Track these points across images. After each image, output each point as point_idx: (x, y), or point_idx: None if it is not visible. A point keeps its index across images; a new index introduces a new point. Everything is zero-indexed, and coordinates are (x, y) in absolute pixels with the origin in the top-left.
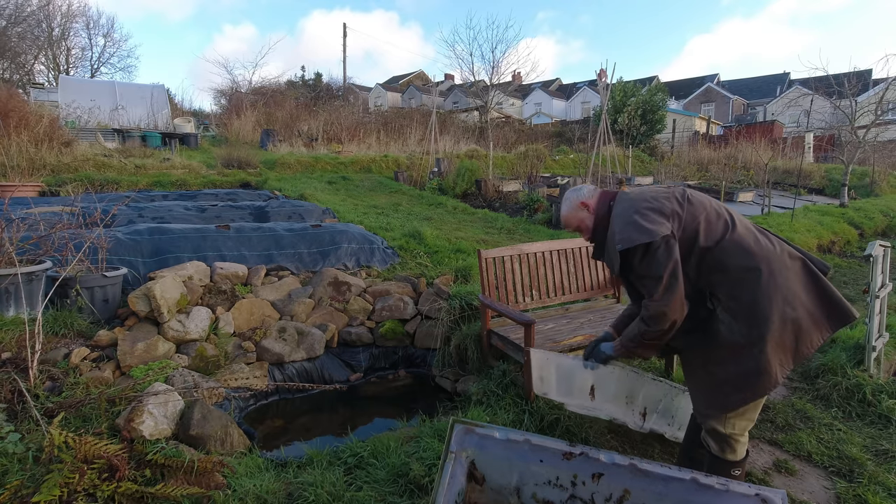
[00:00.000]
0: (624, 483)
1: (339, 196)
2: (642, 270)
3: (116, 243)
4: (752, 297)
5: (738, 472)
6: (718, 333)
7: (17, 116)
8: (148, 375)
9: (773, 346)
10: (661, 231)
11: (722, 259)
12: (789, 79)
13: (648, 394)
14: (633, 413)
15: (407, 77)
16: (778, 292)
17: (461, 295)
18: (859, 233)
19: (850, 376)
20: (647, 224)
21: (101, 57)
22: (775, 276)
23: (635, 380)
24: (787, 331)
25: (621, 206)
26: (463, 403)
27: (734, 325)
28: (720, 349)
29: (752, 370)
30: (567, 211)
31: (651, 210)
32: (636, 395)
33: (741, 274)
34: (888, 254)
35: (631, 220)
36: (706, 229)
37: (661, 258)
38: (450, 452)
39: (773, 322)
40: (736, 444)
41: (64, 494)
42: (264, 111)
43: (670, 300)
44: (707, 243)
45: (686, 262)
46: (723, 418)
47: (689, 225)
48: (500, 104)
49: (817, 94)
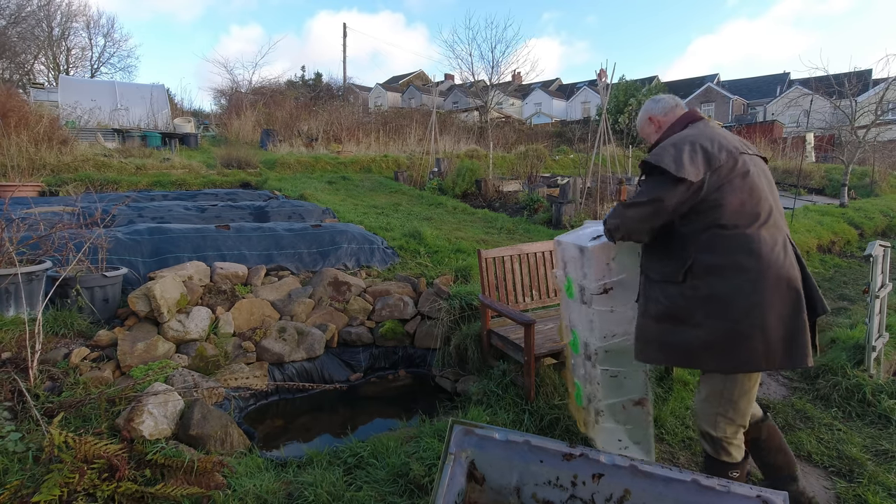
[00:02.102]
0: (624, 483)
1: (339, 196)
2: (644, 182)
3: (116, 243)
4: (728, 293)
5: (737, 473)
6: (674, 299)
7: (17, 116)
8: (148, 375)
9: (712, 341)
10: (687, 175)
11: (721, 244)
12: (789, 79)
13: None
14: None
15: (407, 77)
16: (761, 304)
17: (461, 295)
18: (859, 233)
19: (850, 376)
20: (685, 159)
21: (101, 57)
22: (767, 290)
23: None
24: (737, 342)
25: (689, 131)
26: (463, 403)
27: (693, 302)
28: (666, 311)
29: (680, 344)
30: (639, 121)
31: (703, 151)
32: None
33: (723, 268)
34: (888, 254)
35: (678, 147)
36: (734, 209)
37: (660, 190)
38: (449, 453)
39: (731, 326)
40: (729, 446)
41: (64, 494)
42: (264, 111)
43: (631, 215)
44: (723, 221)
45: (689, 219)
46: (713, 421)
47: (721, 193)
48: (499, 104)
49: (817, 94)
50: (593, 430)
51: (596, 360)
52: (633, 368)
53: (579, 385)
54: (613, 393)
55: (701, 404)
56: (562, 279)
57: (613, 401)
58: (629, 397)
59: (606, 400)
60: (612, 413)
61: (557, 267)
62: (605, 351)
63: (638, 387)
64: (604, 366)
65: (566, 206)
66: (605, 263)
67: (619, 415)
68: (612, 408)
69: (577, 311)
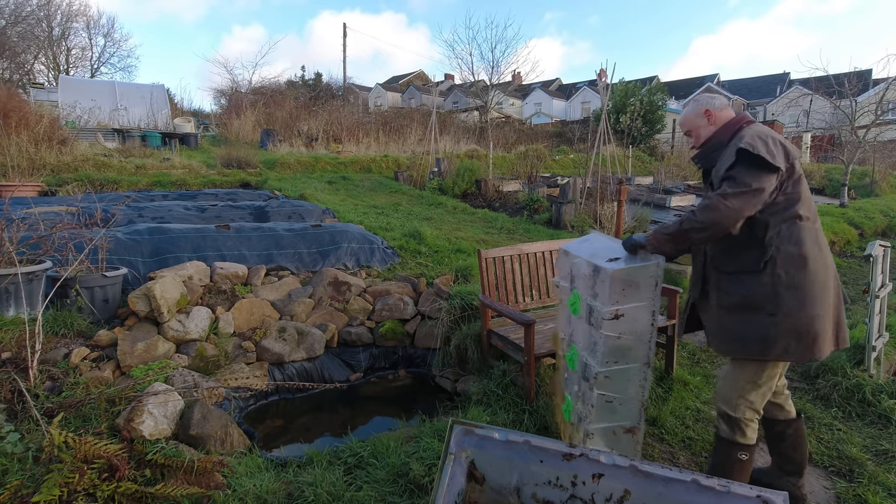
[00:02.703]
0: (624, 483)
1: (339, 196)
2: (737, 172)
3: (116, 243)
4: (804, 282)
5: (746, 456)
6: (752, 289)
7: (17, 116)
8: (148, 375)
9: (788, 329)
10: (779, 164)
11: (799, 235)
12: (789, 79)
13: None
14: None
15: (407, 77)
16: (825, 292)
17: (461, 295)
18: (859, 233)
19: (849, 376)
20: (774, 150)
21: (101, 57)
22: (827, 281)
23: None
24: (812, 329)
25: (757, 128)
26: (463, 403)
27: (774, 291)
28: (743, 301)
29: (754, 334)
30: (689, 112)
31: (782, 146)
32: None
33: (807, 259)
34: (888, 254)
35: (765, 140)
36: (806, 202)
37: (761, 177)
38: (449, 453)
39: (807, 312)
40: (746, 428)
41: (64, 494)
42: (264, 111)
43: (734, 205)
44: (801, 212)
45: (771, 210)
46: (735, 403)
47: (797, 186)
48: (499, 104)
49: (817, 94)
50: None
51: (594, 384)
52: (629, 396)
53: (570, 401)
54: (606, 418)
55: (726, 387)
56: (566, 292)
57: (605, 425)
58: (621, 424)
59: (598, 424)
60: (601, 437)
61: (560, 276)
62: (604, 376)
63: (632, 415)
64: (601, 390)
65: (566, 206)
66: (622, 289)
67: (609, 440)
68: (603, 432)
69: (582, 330)
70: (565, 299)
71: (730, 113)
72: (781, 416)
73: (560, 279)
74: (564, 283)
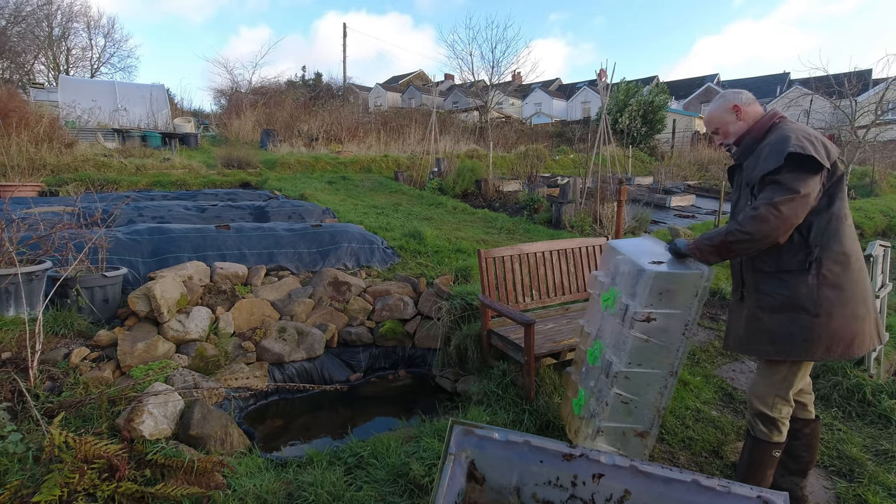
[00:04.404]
0: (625, 484)
1: (339, 196)
2: (784, 177)
3: (116, 243)
4: (848, 281)
5: (778, 452)
6: (796, 289)
7: (17, 116)
8: (148, 375)
9: (832, 329)
10: (826, 164)
11: (842, 233)
12: (789, 79)
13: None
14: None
15: (407, 77)
16: (866, 291)
17: (461, 295)
18: (859, 233)
19: (850, 376)
20: (821, 150)
21: (101, 57)
22: (867, 279)
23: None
24: (855, 329)
25: (797, 125)
26: (463, 403)
27: (819, 291)
28: (786, 302)
29: (798, 335)
30: (715, 108)
31: (823, 145)
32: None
33: (850, 258)
34: (888, 254)
35: (809, 140)
36: (845, 202)
37: (809, 181)
38: (449, 453)
39: (852, 312)
40: (782, 426)
41: (64, 494)
42: (264, 111)
43: (785, 213)
44: (844, 211)
45: (818, 210)
46: (772, 403)
47: (837, 185)
48: (499, 104)
49: (817, 94)
50: (584, 443)
51: (614, 382)
52: (646, 400)
53: (584, 395)
54: (619, 418)
55: (763, 388)
56: (604, 287)
57: (616, 425)
58: (633, 426)
59: (610, 422)
60: (611, 436)
61: (603, 271)
62: (625, 377)
63: (646, 419)
64: (619, 389)
65: (566, 206)
66: (658, 293)
67: (617, 440)
68: (613, 432)
69: (611, 327)
70: (599, 294)
71: (758, 108)
72: (802, 416)
73: (600, 273)
74: (602, 278)
